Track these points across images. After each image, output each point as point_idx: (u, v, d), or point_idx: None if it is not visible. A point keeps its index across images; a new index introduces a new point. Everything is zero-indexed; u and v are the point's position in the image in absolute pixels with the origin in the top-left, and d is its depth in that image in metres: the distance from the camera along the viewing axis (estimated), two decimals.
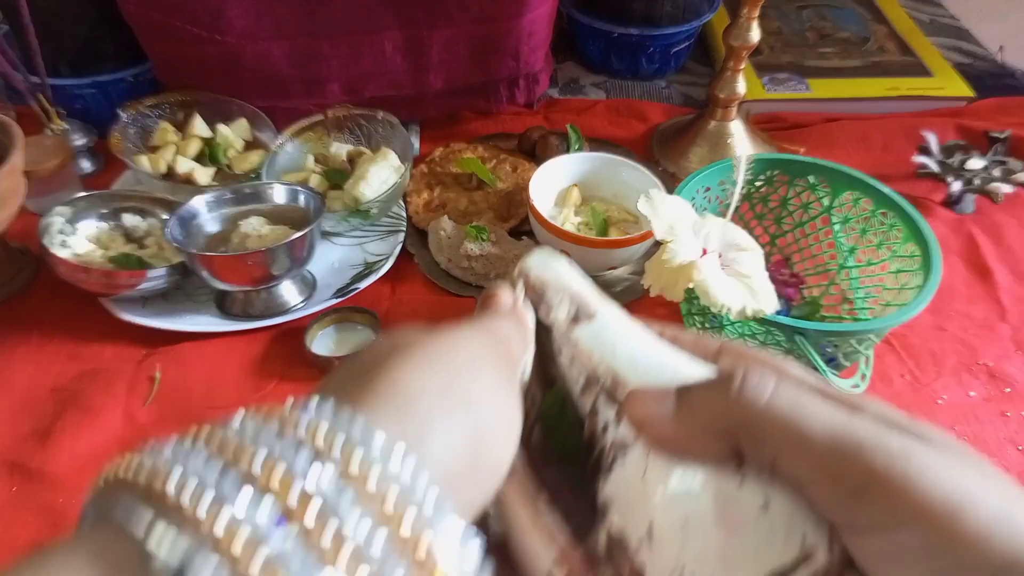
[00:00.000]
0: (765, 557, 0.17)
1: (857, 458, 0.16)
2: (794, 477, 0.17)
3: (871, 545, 0.17)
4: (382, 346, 0.19)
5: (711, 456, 0.18)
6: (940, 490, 0.16)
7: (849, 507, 0.16)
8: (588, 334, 0.21)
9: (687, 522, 0.17)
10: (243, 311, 0.59)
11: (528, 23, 0.72)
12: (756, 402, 0.17)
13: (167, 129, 0.70)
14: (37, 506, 0.48)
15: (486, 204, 0.70)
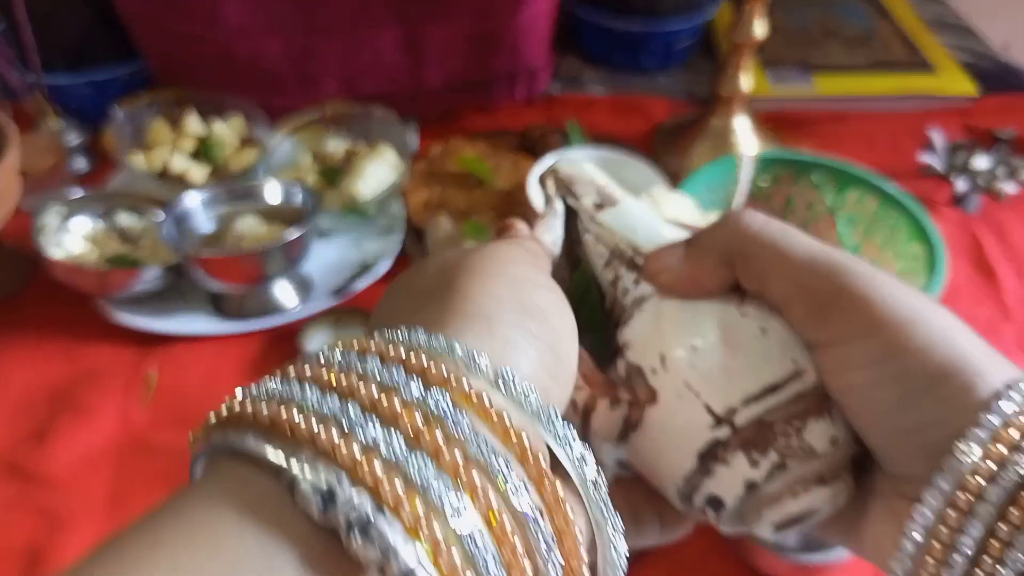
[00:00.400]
0: (762, 372, 0.20)
1: (829, 276, 0.19)
2: (778, 297, 0.20)
3: (833, 356, 0.19)
4: (439, 266, 0.20)
5: (716, 287, 0.21)
6: (897, 306, 0.18)
7: (820, 321, 0.19)
8: (612, 216, 0.24)
9: (695, 344, 0.20)
10: (239, 312, 0.59)
11: (528, 18, 0.71)
12: (749, 227, 0.20)
13: (162, 127, 0.69)
14: (33, 507, 0.47)
15: (485, 202, 0.69)
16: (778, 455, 0.19)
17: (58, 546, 0.45)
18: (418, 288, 0.20)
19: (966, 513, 0.17)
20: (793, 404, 0.19)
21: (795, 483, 0.19)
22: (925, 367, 0.18)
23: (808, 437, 0.19)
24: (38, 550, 0.45)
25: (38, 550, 0.45)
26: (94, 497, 0.48)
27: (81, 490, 0.48)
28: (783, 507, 0.19)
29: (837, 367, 0.19)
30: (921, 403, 0.18)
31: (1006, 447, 0.17)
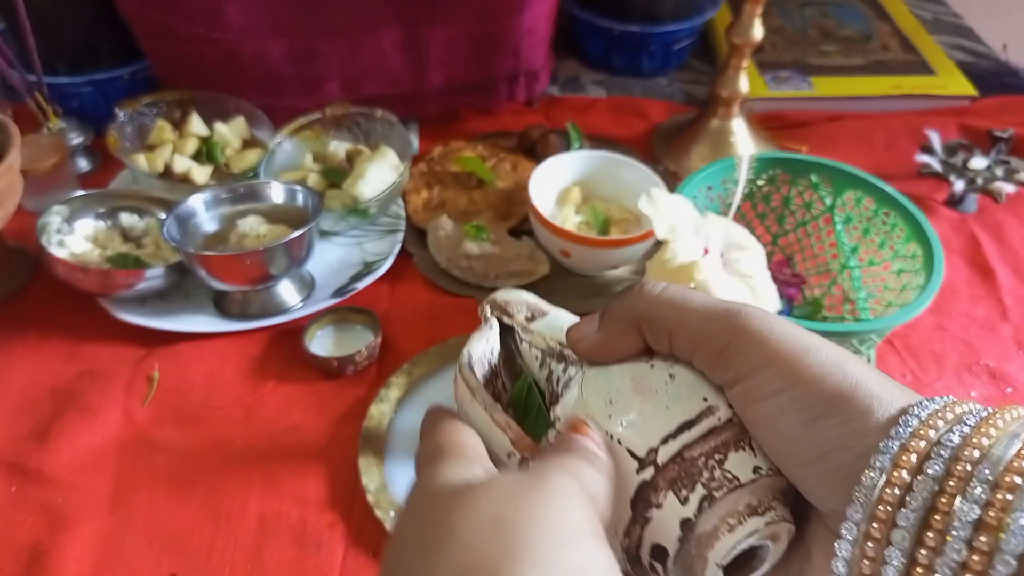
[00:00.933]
0: (675, 412, 0.21)
1: (725, 322, 0.21)
2: (684, 349, 0.22)
3: (740, 391, 0.20)
4: (477, 539, 0.17)
5: (628, 351, 0.23)
6: (789, 341, 0.20)
7: (723, 362, 0.20)
8: (542, 324, 0.27)
9: (612, 398, 0.22)
10: (241, 311, 0.59)
11: (528, 20, 0.72)
12: (650, 293, 0.22)
13: (164, 128, 0.69)
14: (36, 506, 0.48)
15: (486, 203, 0.69)
16: (704, 488, 0.20)
17: (60, 544, 0.45)
18: (451, 568, 0.16)
19: (883, 543, 0.17)
20: (711, 437, 0.21)
21: (727, 516, 0.20)
22: (820, 392, 0.19)
23: (730, 467, 0.20)
24: (40, 548, 0.45)
25: (40, 548, 0.45)
26: (96, 495, 0.48)
27: (83, 488, 0.49)
28: (722, 542, 0.20)
29: (744, 400, 0.20)
30: (821, 427, 0.19)
31: (908, 472, 0.17)
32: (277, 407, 0.54)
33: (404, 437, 0.52)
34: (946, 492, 0.17)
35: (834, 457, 0.18)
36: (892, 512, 0.17)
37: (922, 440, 0.17)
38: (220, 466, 0.50)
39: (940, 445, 0.17)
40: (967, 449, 0.17)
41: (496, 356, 0.28)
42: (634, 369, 0.23)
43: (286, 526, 0.47)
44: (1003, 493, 0.16)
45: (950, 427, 0.18)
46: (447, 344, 0.57)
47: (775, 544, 0.20)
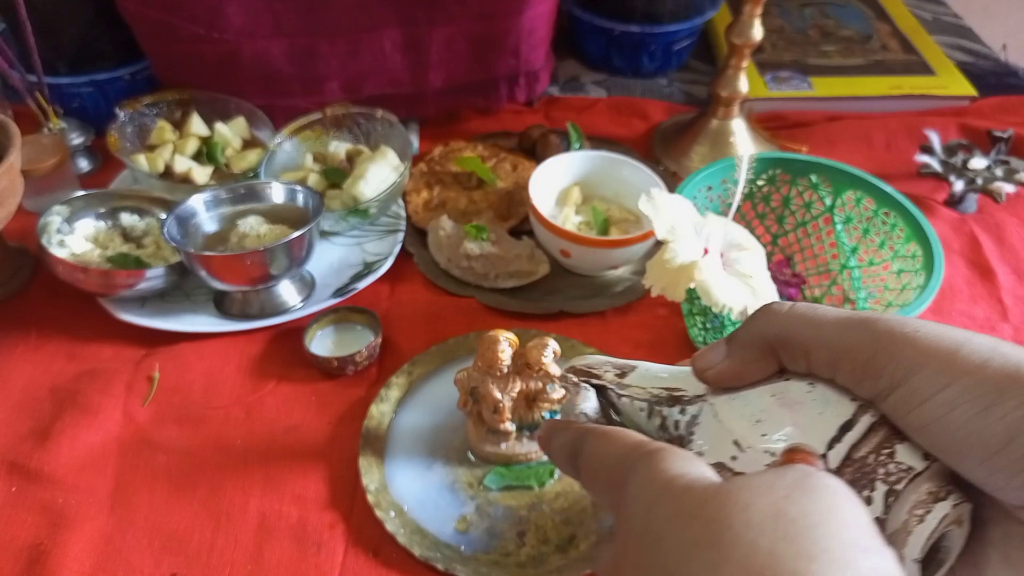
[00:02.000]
0: (829, 417, 0.20)
1: (865, 330, 0.20)
2: (824, 365, 0.21)
3: (897, 400, 0.19)
4: (768, 535, 0.16)
5: (759, 375, 0.22)
6: (937, 338, 0.19)
7: (871, 372, 0.20)
8: (636, 377, 0.27)
9: (759, 418, 0.22)
10: (241, 311, 0.59)
11: (528, 20, 0.72)
12: (779, 313, 0.22)
13: (165, 128, 0.70)
14: (36, 506, 0.48)
15: (486, 203, 0.69)
16: (884, 483, 0.19)
17: (60, 544, 0.45)
18: (740, 569, 0.15)
19: None
20: (873, 434, 0.20)
21: (914, 507, 0.19)
22: (987, 379, 0.18)
23: (902, 458, 0.20)
24: (40, 548, 0.45)
25: (40, 548, 0.45)
26: (97, 495, 0.48)
27: (84, 488, 0.49)
28: (915, 535, 0.19)
29: (906, 406, 0.19)
30: (999, 413, 0.18)
31: None
32: (277, 407, 0.54)
33: (404, 437, 0.52)
34: None
35: (1020, 441, 0.18)
36: None
37: None
38: (220, 466, 0.50)
39: None
40: None
41: (599, 412, 0.27)
42: (772, 388, 0.22)
43: (286, 526, 0.47)
44: None
45: None
46: (447, 344, 0.57)
47: (959, 529, 0.20)
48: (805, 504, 0.16)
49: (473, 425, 0.50)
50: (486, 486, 0.49)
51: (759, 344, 0.22)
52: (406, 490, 0.49)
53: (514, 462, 0.50)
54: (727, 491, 0.17)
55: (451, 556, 0.45)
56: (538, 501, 0.48)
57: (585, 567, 0.44)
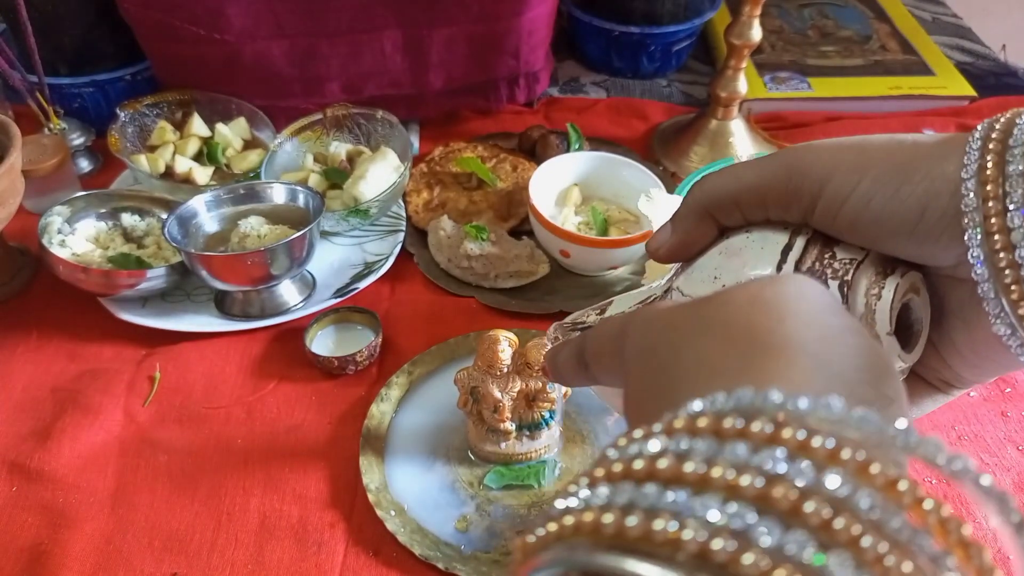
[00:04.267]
0: (770, 247, 0.22)
1: (777, 160, 0.22)
2: (755, 208, 0.23)
3: (823, 208, 0.21)
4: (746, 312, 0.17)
5: (706, 239, 0.24)
6: (838, 146, 0.21)
7: (794, 196, 0.22)
8: (615, 307, 0.28)
9: (715, 275, 0.23)
10: (242, 311, 0.59)
11: (528, 21, 0.72)
12: (708, 179, 0.24)
13: (165, 128, 0.70)
14: (37, 506, 0.48)
15: (486, 204, 0.69)
16: (836, 278, 0.21)
17: (61, 544, 0.46)
18: (726, 337, 0.16)
19: (1005, 233, 0.18)
20: (811, 247, 0.22)
21: (868, 289, 0.21)
22: (892, 165, 0.20)
23: (842, 255, 0.22)
24: (41, 548, 0.46)
25: (41, 548, 0.46)
26: (97, 495, 0.48)
27: (84, 488, 0.49)
28: (879, 311, 0.21)
29: (831, 212, 0.21)
30: (909, 191, 0.20)
31: (996, 166, 0.18)
32: (278, 407, 0.54)
33: (405, 436, 0.52)
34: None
35: (932, 209, 0.19)
36: (1002, 204, 0.18)
37: (993, 142, 0.19)
38: (221, 465, 0.50)
39: (1012, 145, 0.18)
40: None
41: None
42: (717, 248, 0.24)
43: (287, 525, 0.47)
44: None
45: (1012, 124, 0.19)
46: (448, 344, 0.57)
47: (918, 296, 0.22)
48: (778, 289, 0.18)
49: (473, 424, 0.50)
50: (486, 485, 0.49)
51: (696, 212, 0.24)
52: (406, 489, 0.49)
53: (514, 461, 0.50)
54: (708, 296, 0.19)
55: (451, 555, 0.45)
56: (538, 500, 0.48)
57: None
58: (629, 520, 0.12)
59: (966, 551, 0.12)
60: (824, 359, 0.15)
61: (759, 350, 0.16)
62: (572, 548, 0.13)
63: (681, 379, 0.16)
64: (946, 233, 0.19)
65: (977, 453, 0.52)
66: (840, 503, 0.12)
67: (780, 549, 0.11)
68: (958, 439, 0.53)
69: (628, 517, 0.12)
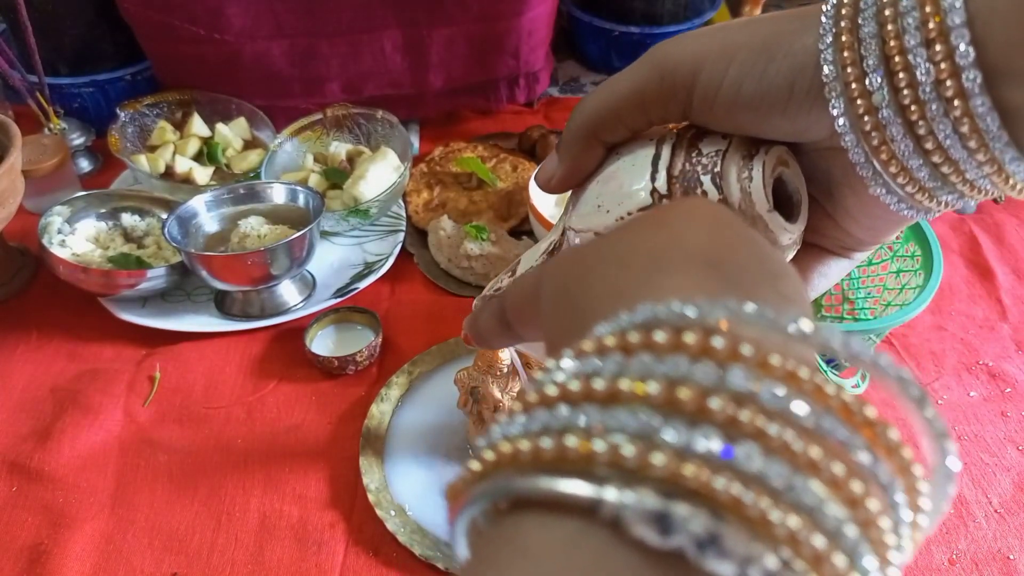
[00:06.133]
0: (640, 162, 0.23)
1: (646, 63, 0.22)
2: (635, 116, 0.22)
3: (698, 101, 0.21)
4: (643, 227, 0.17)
5: (594, 162, 0.24)
6: (699, 37, 0.21)
7: (668, 94, 0.21)
8: (523, 265, 0.29)
9: (599, 204, 0.24)
10: (242, 311, 0.59)
11: (528, 22, 0.72)
12: (582, 102, 0.23)
13: (165, 128, 0.70)
14: (37, 505, 0.48)
15: (486, 204, 0.69)
16: (706, 173, 0.22)
17: (61, 543, 0.46)
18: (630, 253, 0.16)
19: (866, 93, 0.18)
20: (678, 150, 0.23)
21: (739, 175, 0.22)
22: (754, 47, 0.20)
23: (707, 148, 0.22)
24: (41, 548, 0.46)
25: (41, 548, 0.46)
26: (97, 495, 0.48)
27: (84, 488, 0.49)
28: (754, 193, 0.21)
29: (708, 106, 0.21)
30: (775, 68, 0.20)
31: (850, 31, 0.18)
32: (278, 406, 0.54)
33: (405, 436, 0.52)
34: (887, 39, 0.18)
35: (799, 83, 0.20)
36: (859, 69, 0.18)
37: (846, 7, 0.19)
38: (221, 465, 0.50)
39: (863, 8, 0.18)
40: (885, 7, 0.18)
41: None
42: (594, 179, 0.24)
43: (287, 525, 0.47)
44: (931, 6, 0.17)
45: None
46: (448, 344, 0.57)
47: (788, 168, 0.22)
48: (672, 212, 0.18)
49: (473, 424, 0.50)
50: None
51: (580, 136, 0.24)
52: (406, 489, 0.49)
53: None
54: (613, 230, 0.19)
55: (451, 555, 0.45)
56: None
57: None
58: (543, 442, 0.12)
59: (873, 431, 0.13)
60: (718, 268, 0.16)
61: (656, 268, 0.16)
62: (494, 479, 0.13)
63: (590, 310, 0.16)
64: (816, 106, 0.20)
65: (977, 453, 0.52)
66: (744, 398, 0.12)
67: (687, 446, 0.12)
68: (958, 439, 0.53)
69: (542, 439, 0.12)
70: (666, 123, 0.23)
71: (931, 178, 0.19)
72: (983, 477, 0.50)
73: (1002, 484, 0.50)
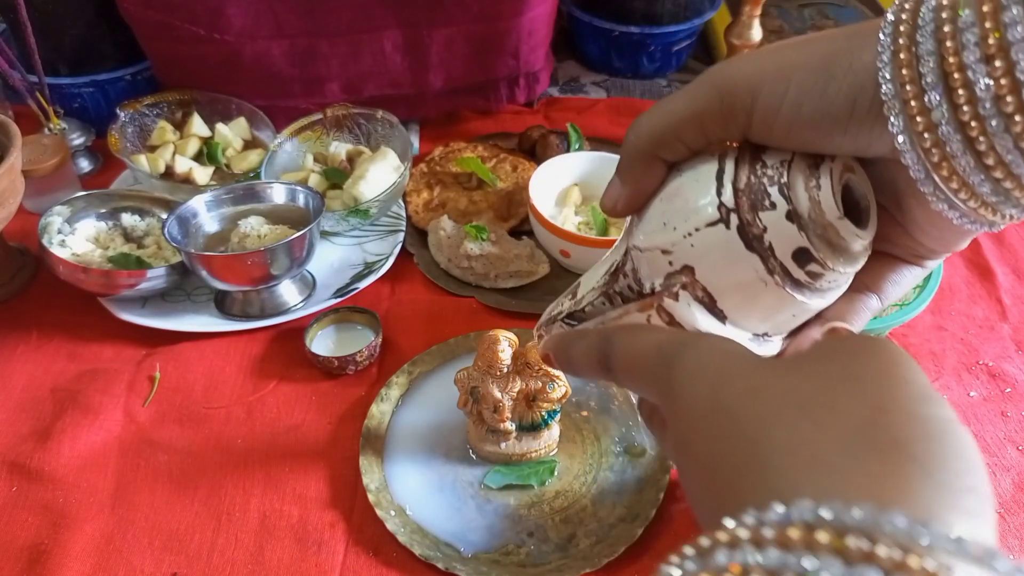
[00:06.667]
0: (703, 178, 0.23)
1: (706, 82, 0.22)
2: (695, 137, 0.23)
3: (758, 122, 0.21)
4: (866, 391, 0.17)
5: (656, 180, 0.24)
6: (761, 58, 0.21)
7: (728, 114, 0.22)
8: (583, 287, 0.28)
9: (664, 221, 0.24)
10: (242, 311, 0.59)
11: (528, 21, 0.72)
12: (638, 123, 0.24)
13: (165, 128, 0.70)
14: (37, 506, 0.48)
15: (486, 204, 0.69)
16: (773, 183, 0.22)
17: (61, 544, 0.46)
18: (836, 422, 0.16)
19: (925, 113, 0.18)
20: (742, 163, 0.23)
21: (806, 183, 0.22)
22: (812, 66, 0.20)
23: (771, 160, 0.22)
24: (41, 548, 0.46)
25: (41, 548, 0.46)
26: (97, 495, 0.48)
27: (84, 488, 0.49)
28: (823, 201, 0.21)
29: (768, 126, 0.21)
30: (836, 87, 0.20)
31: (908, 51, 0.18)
32: (278, 406, 0.54)
33: (405, 436, 0.52)
34: (946, 55, 0.18)
35: (860, 102, 0.20)
36: (918, 86, 0.18)
37: (904, 24, 0.19)
38: (221, 465, 0.50)
39: (921, 25, 0.19)
40: (944, 23, 0.18)
41: None
42: (657, 198, 0.24)
43: (287, 525, 0.47)
44: (990, 22, 0.17)
45: (919, 3, 0.19)
46: (448, 344, 0.57)
47: (855, 174, 0.22)
48: (869, 363, 0.17)
49: (473, 424, 0.50)
50: (486, 485, 0.49)
51: (640, 157, 0.24)
52: (406, 489, 0.49)
53: (514, 461, 0.50)
54: (798, 362, 0.18)
55: (451, 555, 0.45)
56: (538, 500, 0.48)
57: (585, 566, 0.45)
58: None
59: None
60: (927, 466, 0.15)
61: (865, 449, 0.15)
62: None
63: (775, 464, 0.16)
64: (877, 124, 0.20)
65: None
66: None
67: None
68: None
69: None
70: (724, 142, 0.23)
71: (993, 193, 0.19)
72: None
73: (1002, 484, 0.50)
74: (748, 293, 0.23)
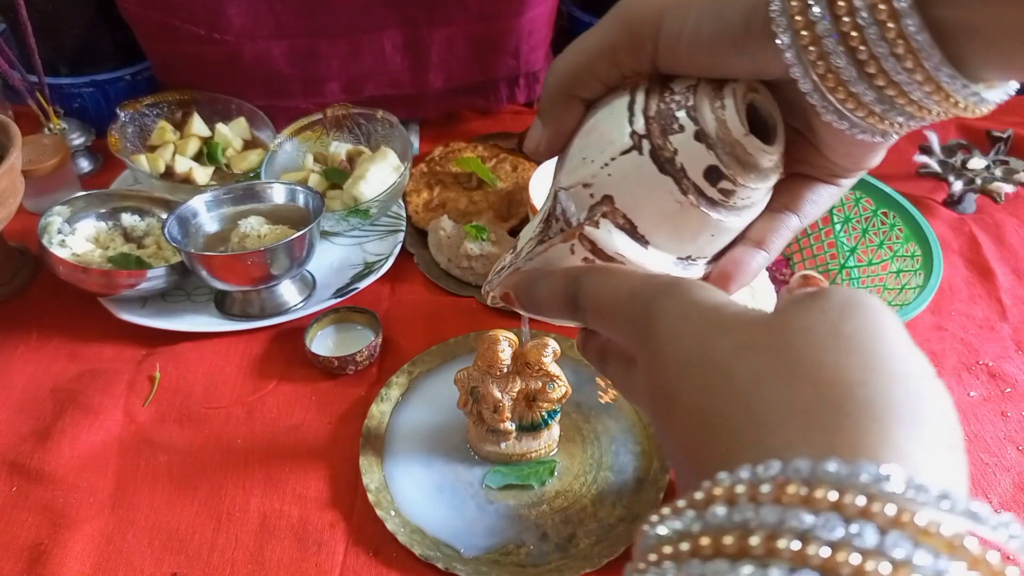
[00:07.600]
0: (616, 110, 0.23)
1: (615, 22, 0.23)
2: (608, 68, 0.23)
3: (664, 49, 0.22)
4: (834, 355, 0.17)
5: (575, 119, 0.25)
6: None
7: (637, 43, 0.22)
8: (522, 240, 0.28)
9: (583, 156, 0.24)
10: (242, 311, 0.59)
11: (528, 21, 0.72)
12: (555, 64, 0.24)
13: (165, 128, 0.70)
14: (37, 506, 0.48)
15: (486, 204, 0.69)
16: (680, 108, 0.23)
17: (61, 543, 0.46)
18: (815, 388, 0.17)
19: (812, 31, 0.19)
20: (651, 93, 0.23)
21: (711, 104, 0.22)
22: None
23: (678, 87, 0.23)
24: (41, 548, 0.46)
25: (41, 548, 0.46)
26: (97, 495, 0.48)
27: (84, 488, 0.49)
28: (728, 120, 0.22)
29: (674, 54, 0.22)
30: (728, 9, 0.21)
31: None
32: (278, 406, 0.54)
33: (405, 436, 0.52)
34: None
35: (754, 21, 0.20)
36: (803, 1, 0.19)
37: None
38: (221, 465, 0.50)
39: None
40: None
41: None
42: (576, 136, 0.25)
43: (287, 525, 0.47)
44: None
45: None
46: (448, 344, 0.57)
47: (759, 94, 0.23)
48: (856, 322, 0.18)
49: (473, 424, 0.50)
50: (486, 485, 0.49)
51: (558, 97, 0.24)
52: (406, 489, 0.49)
53: (514, 461, 0.50)
54: (786, 319, 0.19)
55: (451, 555, 0.45)
56: (538, 500, 0.48)
57: (585, 566, 0.45)
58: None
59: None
60: (910, 421, 0.16)
61: (852, 406, 0.16)
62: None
63: (769, 420, 0.17)
64: (771, 42, 0.20)
65: (977, 453, 0.52)
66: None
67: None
68: None
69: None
70: (637, 74, 0.24)
71: (878, 101, 0.20)
72: (983, 477, 0.50)
73: (1002, 484, 0.50)
74: (666, 216, 0.23)
